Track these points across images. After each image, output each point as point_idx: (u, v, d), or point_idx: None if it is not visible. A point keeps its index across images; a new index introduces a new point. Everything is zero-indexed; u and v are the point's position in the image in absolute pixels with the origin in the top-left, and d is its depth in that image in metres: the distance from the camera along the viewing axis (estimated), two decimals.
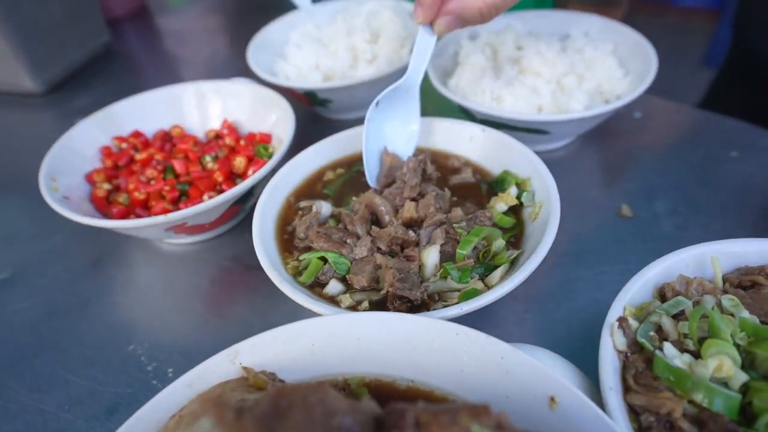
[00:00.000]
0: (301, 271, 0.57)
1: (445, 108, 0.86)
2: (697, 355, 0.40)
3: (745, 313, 0.41)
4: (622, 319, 0.43)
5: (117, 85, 1.23)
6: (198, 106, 0.89)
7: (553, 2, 1.75)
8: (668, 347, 0.40)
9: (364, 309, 0.52)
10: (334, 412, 0.28)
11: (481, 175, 0.67)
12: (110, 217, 0.73)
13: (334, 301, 0.53)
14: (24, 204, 0.89)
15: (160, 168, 0.78)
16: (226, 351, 0.41)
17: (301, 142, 0.73)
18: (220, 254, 0.75)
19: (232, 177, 0.77)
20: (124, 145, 0.84)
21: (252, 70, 0.92)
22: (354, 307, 0.52)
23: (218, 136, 0.85)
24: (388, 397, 0.41)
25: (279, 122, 0.80)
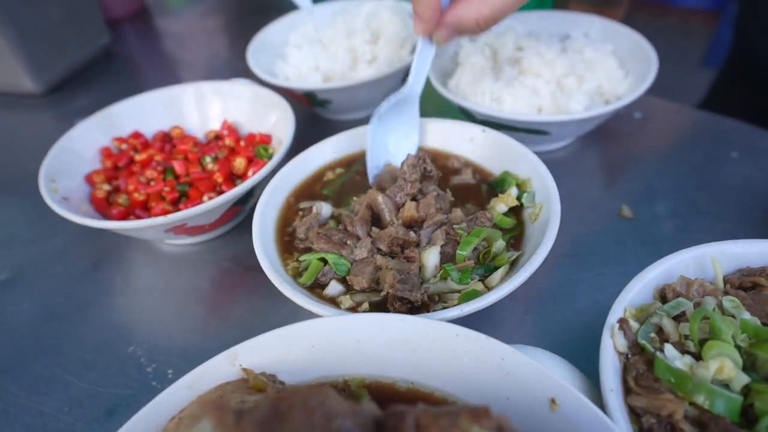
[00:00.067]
0: (301, 272, 0.57)
1: (446, 109, 0.86)
2: (698, 357, 0.40)
3: (746, 315, 0.41)
4: (622, 321, 0.43)
5: (117, 86, 1.23)
6: (198, 107, 0.89)
7: (553, 3, 1.76)
8: (669, 349, 0.40)
9: (365, 310, 0.51)
10: (334, 415, 0.27)
11: (481, 176, 0.67)
12: (110, 218, 0.73)
13: (334, 303, 0.53)
14: (24, 205, 0.89)
15: (159, 169, 0.78)
16: (226, 352, 0.41)
17: (301, 142, 0.73)
18: (220, 255, 0.75)
19: (232, 178, 0.77)
20: (124, 146, 0.84)
21: (252, 71, 0.92)
22: (354, 309, 0.52)
23: (218, 137, 0.85)
24: (389, 399, 0.41)
25: (279, 123, 0.80)
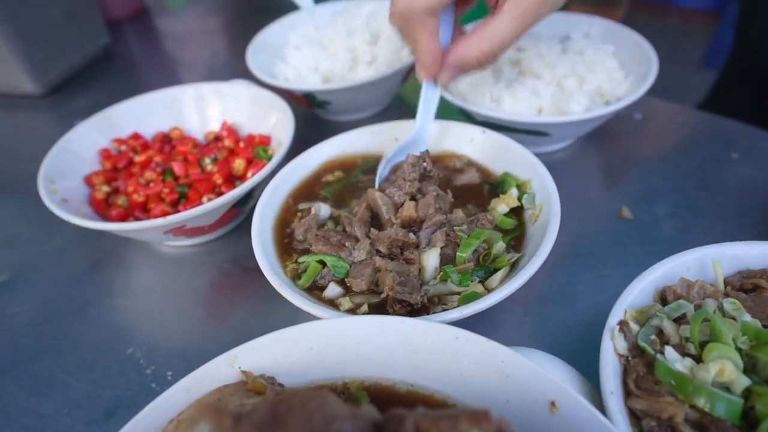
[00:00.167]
0: (300, 274, 0.56)
1: (446, 110, 0.85)
2: (698, 359, 0.40)
3: (747, 317, 0.41)
4: (622, 323, 0.43)
5: (116, 86, 1.23)
6: (197, 108, 0.89)
7: None
8: (669, 351, 0.40)
9: (364, 312, 0.51)
10: (333, 418, 0.27)
11: (484, 175, 0.67)
12: (109, 220, 0.73)
13: (333, 304, 0.53)
14: (23, 206, 0.88)
15: (159, 170, 0.78)
16: (225, 355, 0.41)
17: (301, 144, 0.72)
18: (220, 257, 0.75)
19: (232, 179, 0.77)
20: (123, 147, 0.83)
21: (251, 72, 0.92)
22: (353, 310, 0.52)
23: (217, 138, 0.85)
24: (388, 401, 0.40)
25: (278, 124, 0.80)
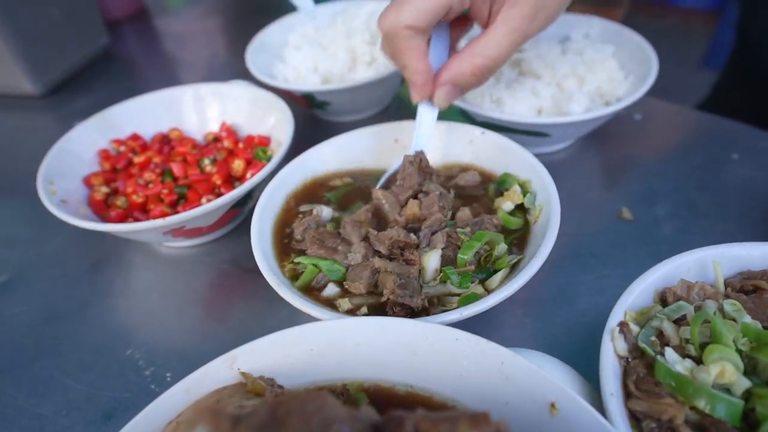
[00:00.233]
0: (298, 274, 0.56)
1: (445, 111, 0.85)
2: (698, 361, 0.39)
3: (748, 318, 0.41)
4: (623, 324, 0.43)
5: (116, 87, 1.22)
6: (196, 109, 0.89)
7: None
8: (670, 353, 0.40)
9: (363, 314, 0.51)
10: (332, 420, 0.27)
11: (485, 178, 0.66)
12: (108, 221, 0.73)
13: (332, 306, 0.53)
14: (22, 207, 0.88)
15: (158, 171, 0.77)
16: (225, 356, 0.41)
17: (300, 144, 0.72)
18: (219, 258, 0.75)
19: (231, 180, 0.77)
20: (123, 148, 0.83)
21: (251, 73, 0.92)
22: (353, 311, 0.52)
23: (217, 139, 0.85)
24: (387, 403, 0.40)
25: (277, 125, 0.80)
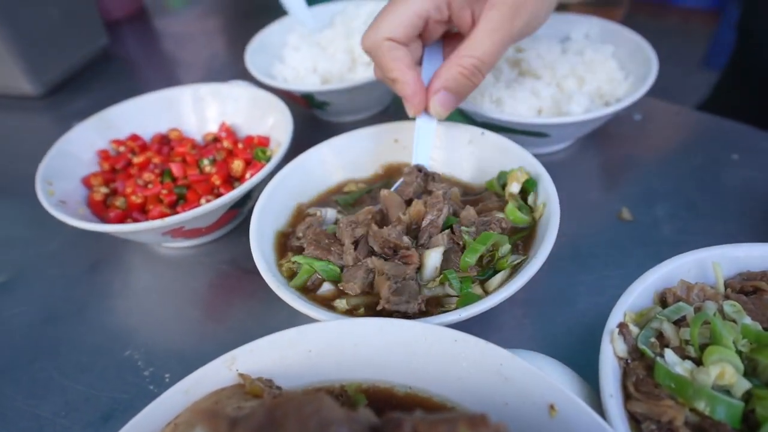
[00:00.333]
0: (296, 273, 0.56)
1: None
2: (698, 362, 0.39)
3: (748, 320, 0.41)
4: (622, 325, 0.42)
5: (115, 87, 1.22)
6: (195, 109, 0.89)
7: None
8: (669, 354, 0.40)
9: (361, 314, 0.51)
10: (330, 423, 0.27)
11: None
12: (107, 221, 0.73)
13: (330, 306, 0.52)
14: (21, 208, 0.88)
15: (157, 171, 0.77)
16: (223, 357, 0.41)
17: (300, 145, 0.72)
18: (218, 258, 0.75)
19: (230, 180, 0.77)
20: (122, 149, 0.83)
21: (250, 73, 0.92)
22: (351, 312, 0.51)
23: (216, 139, 0.85)
24: (386, 404, 0.40)
25: (277, 125, 0.80)
